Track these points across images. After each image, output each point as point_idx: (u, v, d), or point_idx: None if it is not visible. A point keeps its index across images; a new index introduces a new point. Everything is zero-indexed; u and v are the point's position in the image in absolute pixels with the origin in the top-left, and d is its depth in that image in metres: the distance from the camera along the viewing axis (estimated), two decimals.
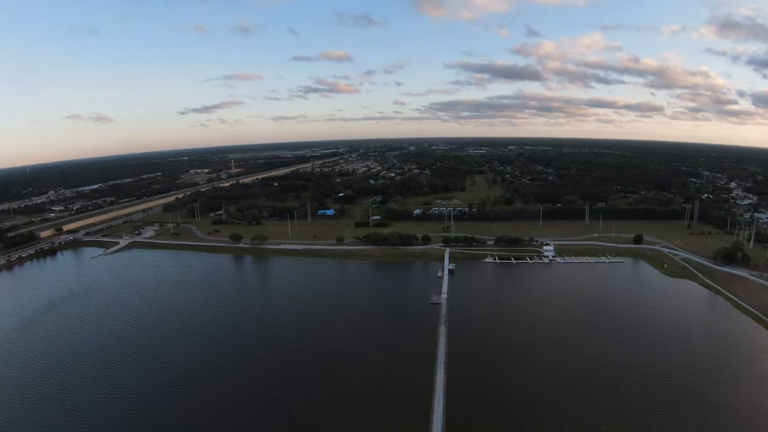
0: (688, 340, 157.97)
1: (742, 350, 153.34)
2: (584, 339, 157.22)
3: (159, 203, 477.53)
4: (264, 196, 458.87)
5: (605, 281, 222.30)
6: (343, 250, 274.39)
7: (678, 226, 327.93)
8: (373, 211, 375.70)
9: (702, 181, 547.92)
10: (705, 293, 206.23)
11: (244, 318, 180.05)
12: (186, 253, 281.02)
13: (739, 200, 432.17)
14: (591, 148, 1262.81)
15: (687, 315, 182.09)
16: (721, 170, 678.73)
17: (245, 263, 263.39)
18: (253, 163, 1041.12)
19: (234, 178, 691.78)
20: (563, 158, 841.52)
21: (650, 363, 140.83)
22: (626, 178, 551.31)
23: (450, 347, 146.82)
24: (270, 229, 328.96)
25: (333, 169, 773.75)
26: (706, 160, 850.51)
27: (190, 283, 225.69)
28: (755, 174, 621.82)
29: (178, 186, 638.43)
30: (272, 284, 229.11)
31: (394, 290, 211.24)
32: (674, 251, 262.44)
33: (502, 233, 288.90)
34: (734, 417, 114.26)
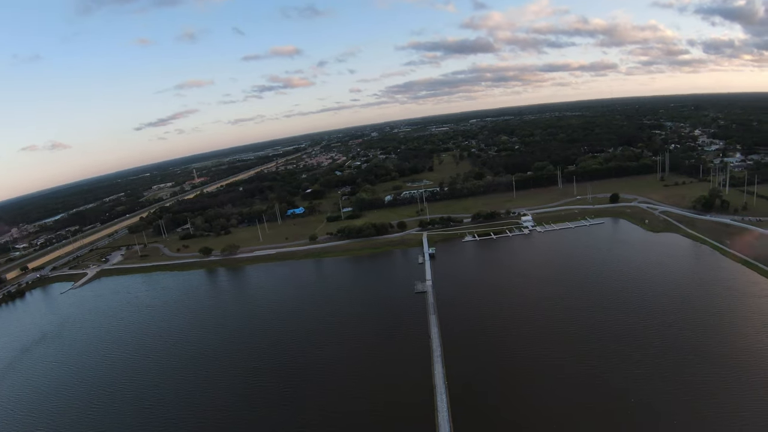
0: (683, 295, 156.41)
1: (738, 297, 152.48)
2: (579, 308, 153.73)
3: (124, 225, 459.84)
4: (230, 203, 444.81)
5: (589, 245, 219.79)
6: (318, 248, 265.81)
7: (651, 180, 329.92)
8: (343, 203, 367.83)
9: (666, 132, 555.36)
10: (691, 244, 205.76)
11: (225, 336, 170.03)
12: (157, 275, 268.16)
13: (706, 147, 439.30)
14: (551, 112, 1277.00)
15: (677, 269, 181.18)
16: (682, 119, 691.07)
17: (219, 277, 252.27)
18: (216, 170, 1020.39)
19: (198, 189, 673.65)
20: (526, 125, 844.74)
21: (650, 323, 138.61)
22: (592, 138, 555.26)
23: (444, 337, 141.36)
24: (240, 236, 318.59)
25: (297, 166, 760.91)
26: (665, 111, 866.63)
27: (165, 306, 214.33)
28: (717, 119, 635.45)
29: (142, 204, 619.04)
30: (250, 295, 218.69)
31: (377, 284, 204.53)
32: (653, 205, 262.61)
33: (477, 209, 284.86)
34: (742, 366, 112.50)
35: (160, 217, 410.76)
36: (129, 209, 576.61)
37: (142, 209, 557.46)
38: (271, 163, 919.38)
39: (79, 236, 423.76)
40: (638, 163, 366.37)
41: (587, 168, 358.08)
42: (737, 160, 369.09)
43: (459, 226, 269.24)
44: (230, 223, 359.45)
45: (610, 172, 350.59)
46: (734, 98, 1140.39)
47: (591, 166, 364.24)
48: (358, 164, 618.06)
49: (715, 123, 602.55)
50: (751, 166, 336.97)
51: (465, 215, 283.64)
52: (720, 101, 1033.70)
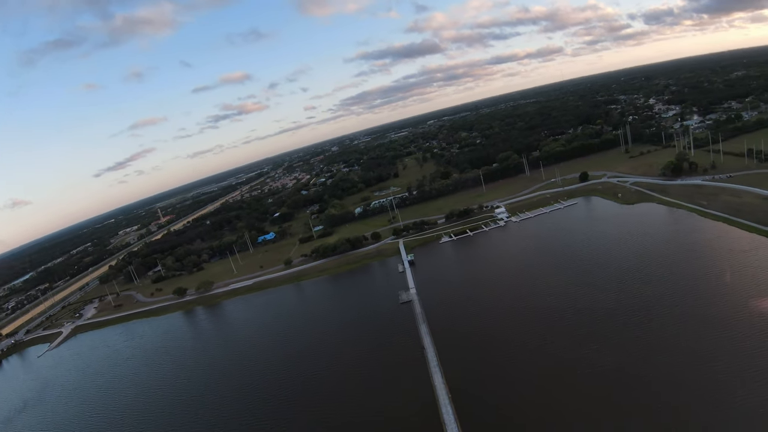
0: (671, 262, 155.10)
1: (726, 255, 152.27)
2: (570, 292, 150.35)
3: (94, 276, 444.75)
4: (199, 239, 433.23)
5: (567, 227, 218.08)
6: (295, 272, 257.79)
7: (616, 154, 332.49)
8: (313, 222, 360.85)
9: (622, 106, 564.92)
10: (667, 211, 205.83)
11: (211, 378, 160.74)
12: (133, 323, 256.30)
13: (663, 114, 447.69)
14: (506, 103, 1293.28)
15: (659, 237, 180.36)
16: (634, 91, 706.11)
17: (197, 316, 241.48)
18: (181, 206, 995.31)
19: (165, 228, 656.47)
20: (484, 119, 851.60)
21: (644, 295, 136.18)
22: (550, 121, 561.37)
23: (438, 346, 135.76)
24: (214, 271, 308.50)
25: (262, 191, 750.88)
26: (617, 86, 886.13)
27: (145, 356, 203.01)
28: (668, 86, 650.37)
29: (110, 252, 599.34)
30: (232, 331, 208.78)
31: (360, 299, 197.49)
32: (623, 178, 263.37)
33: (449, 208, 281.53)
34: (746, 323, 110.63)
35: (129, 263, 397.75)
36: (97, 259, 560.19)
37: (110, 257, 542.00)
38: (236, 192, 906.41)
39: (50, 294, 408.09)
40: (600, 139, 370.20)
41: (551, 151, 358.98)
42: (696, 121, 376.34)
43: (434, 228, 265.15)
44: (202, 259, 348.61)
45: (574, 153, 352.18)
46: (681, 64, 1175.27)
47: (555, 149, 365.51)
48: (323, 180, 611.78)
49: (668, 90, 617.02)
50: (711, 125, 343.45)
51: (438, 216, 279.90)
52: (668, 69, 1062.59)
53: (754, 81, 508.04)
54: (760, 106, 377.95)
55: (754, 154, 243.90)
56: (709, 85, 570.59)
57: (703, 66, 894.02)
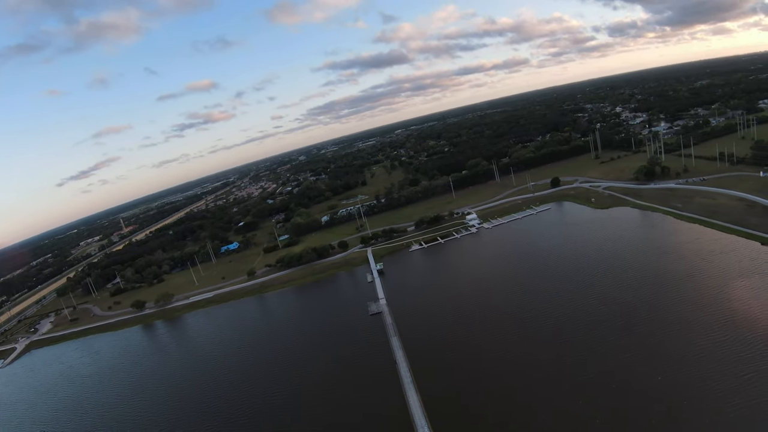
0: (650, 266, 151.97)
1: (705, 257, 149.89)
2: (548, 299, 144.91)
3: (51, 289, 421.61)
4: (160, 249, 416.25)
5: (540, 232, 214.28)
6: (258, 283, 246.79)
7: (586, 160, 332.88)
8: (278, 231, 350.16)
9: (589, 114, 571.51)
10: (643, 214, 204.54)
11: (168, 395, 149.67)
12: (90, 339, 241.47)
13: (631, 121, 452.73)
14: (473, 113, 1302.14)
15: (636, 241, 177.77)
16: (600, 100, 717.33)
17: (156, 331, 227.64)
18: (145, 216, 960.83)
19: (127, 239, 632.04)
20: (451, 128, 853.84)
21: (625, 301, 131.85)
22: (518, 129, 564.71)
23: (411, 359, 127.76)
24: (174, 282, 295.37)
25: (228, 200, 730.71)
26: (583, 96, 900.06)
27: (101, 373, 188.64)
28: (634, 95, 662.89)
29: (71, 263, 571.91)
30: (192, 347, 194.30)
31: (327, 311, 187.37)
32: (595, 183, 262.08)
33: (418, 215, 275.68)
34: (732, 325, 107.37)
35: (87, 274, 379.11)
36: (57, 270, 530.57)
37: (69, 269, 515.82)
38: (201, 202, 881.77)
39: (6, 308, 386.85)
40: (570, 146, 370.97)
41: (521, 158, 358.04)
42: (664, 128, 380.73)
43: (403, 235, 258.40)
44: (162, 270, 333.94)
45: (544, 159, 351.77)
46: (645, 74, 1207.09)
47: (525, 155, 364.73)
48: (290, 189, 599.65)
49: (634, 98, 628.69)
50: (679, 131, 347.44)
51: (408, 224, 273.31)
52: (633, 79, 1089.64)
53: (719, 89, 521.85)
54: (726, 112, 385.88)
55: (726, 158, 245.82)
56: (675, 93, 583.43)
57: (667, 76, 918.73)
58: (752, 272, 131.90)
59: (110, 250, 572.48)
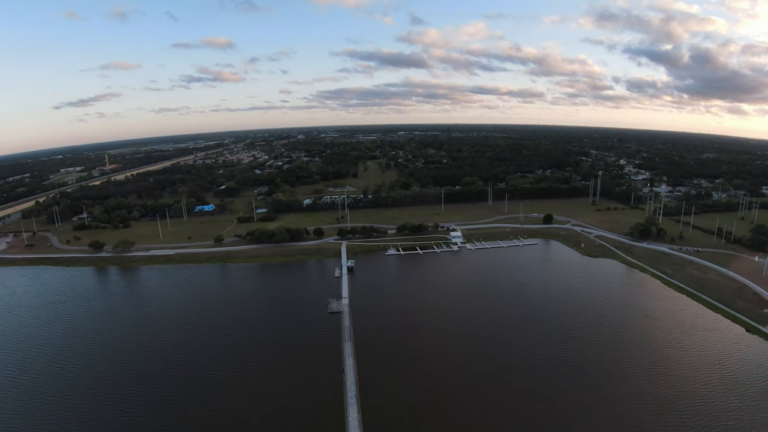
0: (629, 327, 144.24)
1: (689, 331, 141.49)
2: (516, 342, 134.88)
3: (18, 209, 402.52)
4: (136, 194, 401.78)
5: (523, 266, 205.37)
6: (223, 251, 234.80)
7: (582, 204, 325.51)
8: (258, 203, 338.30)
9: (593, 159, 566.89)
10: (629, 272, 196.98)
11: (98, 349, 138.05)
12: (40, 269, 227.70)
13: (633, 176, 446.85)
14: (479, 132, 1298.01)
15: (620, 297, 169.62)
16: (606, 149, 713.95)
17: (107, 276, 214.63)
18: (131, 158, 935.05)
19: (106, 176, 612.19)
20: (454, 141, 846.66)
21: (601, 360, 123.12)
22: (520, 158, 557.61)
23: (360, 371, 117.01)
24: (139, 231, 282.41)
25: (216, 161, 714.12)
26: (589, 141, 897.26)
27: (39, 306, 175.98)
28: (640, 152, 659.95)
29: (45, 188, 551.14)
30: (136, 302, 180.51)
31: (285, 298, 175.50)
32: (587, 229, 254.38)
33: (402, 220, 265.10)
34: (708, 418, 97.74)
35: (56, 202, 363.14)
36: (29, 191, 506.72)
37: (42, 193, 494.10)
38: (190, 156, 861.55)
39: None
40: (569, 186, 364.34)
41: (518, 186, 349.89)
42: (665, 190, 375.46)
43: (382, 237, 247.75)
44: (132, 215, 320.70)
45: (540, 193, 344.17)
46: (654, 135, 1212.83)
47: (522, 184, 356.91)
48: (280, 164, 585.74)
49: (639, 155, 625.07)
50: (680, 197, 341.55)
51: (389, 226, 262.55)
52: (641, 136, 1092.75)
53: (725, 165, 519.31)
54: (729, 189, 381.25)
55: (723, 234, 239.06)
56: (680, 159, 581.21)
57: (675, 141, 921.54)
58: (731, 357, 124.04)
59: (87, 183, 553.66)
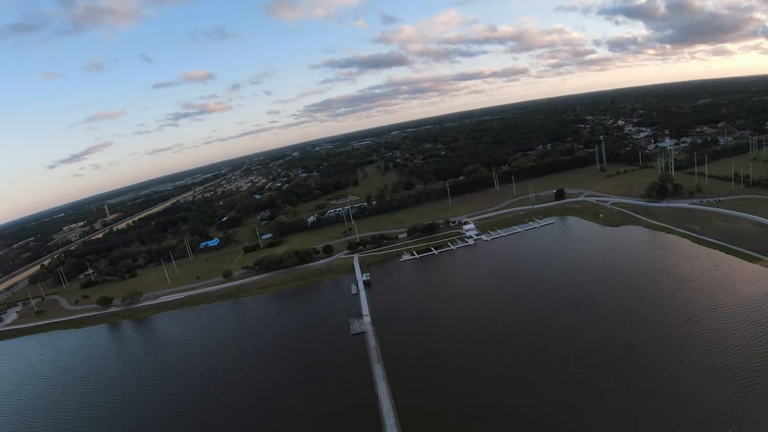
0: (667, 296, 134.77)
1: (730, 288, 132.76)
2: (557, 327, 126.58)
3: (26, 275, 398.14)
4: (138, 240, 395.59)
5: (544, 248, 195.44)
6: (234, 286, 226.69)
7: (591, 172, 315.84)
8: (261, 229, 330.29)
9: (591, 125, 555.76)
10: (656, 236, 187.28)
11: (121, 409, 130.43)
12: (52, 334, 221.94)
13: (634, 135, 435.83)
14: (470, 118, 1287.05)
15: (650, 265, 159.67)
16: (601, 113, 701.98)
17: (121, 331, 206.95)
18: (132, 204, 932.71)
19: (108, 227, 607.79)
20: (448, 132, 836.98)
21: (645, 336, 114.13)
22: (517, 137, 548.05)
23: (396, 396, 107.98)
24: (146, 279, 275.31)
25: (215, 193, 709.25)
26: (582, 108, 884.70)
27: (57, 374, 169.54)
28: (636, 109, 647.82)
29: (50, 249, 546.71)
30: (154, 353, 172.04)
31: (304, 325, 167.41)
32: (602, 198, 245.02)
33: (411, 222, 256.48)
34: None
35: (61, 262, 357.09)
36: (35, 255, 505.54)
37: (47, 254, 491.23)
38: (189, 192, 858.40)
39: None
40: (573, 156, 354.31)
41: (522, 166, 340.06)
42: (670, 144, 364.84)
43: (394, 243, 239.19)
44: (137, 263, 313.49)
45: (546, 169, 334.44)
46: (645, 90, 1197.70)
47: (526, 164, 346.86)
48: (279, 185, 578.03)
49: (636, 113, 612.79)
50: (687, 148, 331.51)
51: (399, 230, 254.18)
52: (632, 94, 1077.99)
53: (724, 108, 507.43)
54: (734, 131, 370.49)
55: (741, 179, 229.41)
56: (678, 110, 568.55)
57: (667, 93, 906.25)
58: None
59: (90, 237, 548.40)
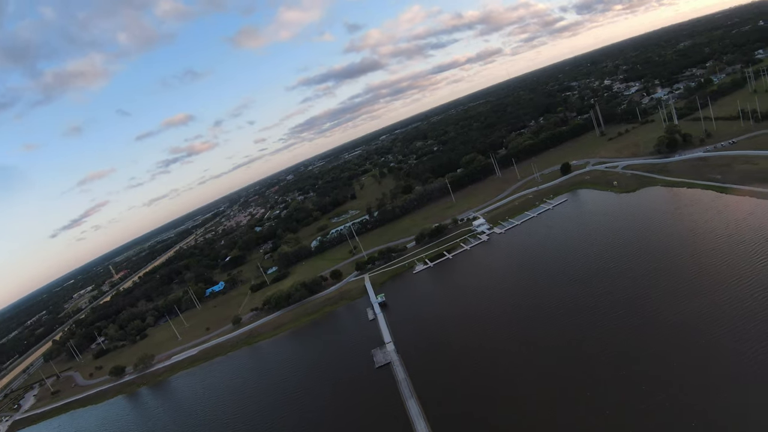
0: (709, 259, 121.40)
1: None
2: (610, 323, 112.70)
3: (40, 353, 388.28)
4: (144, 298, 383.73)
5: (565, 231, 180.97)
6: (245, 332, 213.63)
7: (592, 138, 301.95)
8: (265, 263, 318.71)
9: (579, 90, 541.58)
10: (677, 193, 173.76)
11: None
12: (72, 414, 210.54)
13: (625, 91, 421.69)
14: (456, 108, 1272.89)
15: (683, 228, 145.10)
16: (584, 76, 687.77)
17: (139, 400, 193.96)
18: (137, 258, 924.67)
19: (116, 287, 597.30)
20: (437, 126, 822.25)
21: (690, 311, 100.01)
22: (508, 117, 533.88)
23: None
24: (158, 339, 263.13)
25: (216, 232, 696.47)
26: (564, 75, 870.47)
27: None
28: (619, 66, 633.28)
29: (62, 320, 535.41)
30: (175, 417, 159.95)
31: (324, 362, 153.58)
32: (611, 163, 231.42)
33: (418, 228, 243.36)
34: None
35: (72, 334, 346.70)
36: (48, 329, 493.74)
37: (60, 327, 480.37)
38: (191, 237, 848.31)
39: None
40: (570, 126, 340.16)
41: (520, 146, 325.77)
42: (664, 93, 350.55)
43: (403, 254, 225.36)
44: (146, 323, 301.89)
45: (545, 144, 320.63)
46: (622, 46, 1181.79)
47: (523, 143, 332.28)
48: (278, 213, 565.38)
49: (619, 69, 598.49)
50: (682, 94, 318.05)
51: (407, 239, 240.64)
52: (611, 52, 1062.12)
53: (707, 47, 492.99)
54: (725, 68, 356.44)
55: (750, 115, 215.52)
56: (661, 58, 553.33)
57: (646, 44, 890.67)
58: None
59: (98, 303, 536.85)
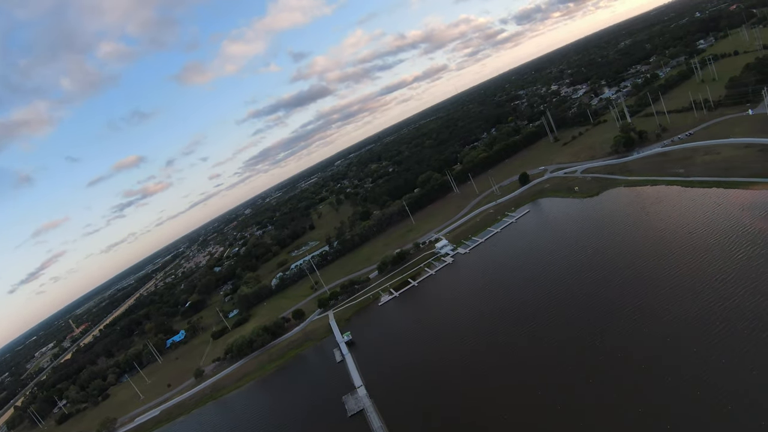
0: (684, 257, 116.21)
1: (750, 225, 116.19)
2: (588, 344, 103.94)
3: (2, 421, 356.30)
4: (105, 354, 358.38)
5: (529, 243, 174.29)
6: (209, 386, 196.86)
7: (546, 145, 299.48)
8: (226, 307, 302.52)
9: (527, 98, 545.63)
10: (642, 192, 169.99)
11: None
12: None
13: (573, 95, 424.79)
14: (407, 127, 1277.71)
15: (649, 226, 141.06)
16: (530, 84, 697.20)
17: None
18: (97, 309, 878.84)
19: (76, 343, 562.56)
20: (390, 146, 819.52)
21: (680, 313, 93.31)
22: (459, 131, 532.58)
23: None
24: (120, 398, 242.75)
25: (176, 275, 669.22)
26: (511, 85, 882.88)
27: None
28: (563, 71, 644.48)
29: (24, 383, 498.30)
30: None
31: (293, 414, 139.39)
32: (569, 168, 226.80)
33: (379, 256, 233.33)
34: None
35: (33, 399, 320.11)
36: (11, 394, 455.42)
37: (23, 390, 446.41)
38: (150, 282, 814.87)
39: None
40: (522, 134, 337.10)
41: (475, 160, 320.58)
42: (612, 93, 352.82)
43: (367, 286, 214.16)
44: (108, 381, 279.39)
45: (500, 155, 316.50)
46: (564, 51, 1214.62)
47: (478, 156, 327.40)
48: (237, 250, 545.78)
49: (564, 74, 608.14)
50: (630, 92, 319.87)
51: (369, 268, 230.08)
52: (554, 58, 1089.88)
53: (647, 43, 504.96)
54: (669, 62, 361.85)
55: (703, 105, 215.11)
56: (604, 59, 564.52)
57: (587, 47, 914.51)
58: None
59: (59, 361, 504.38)
